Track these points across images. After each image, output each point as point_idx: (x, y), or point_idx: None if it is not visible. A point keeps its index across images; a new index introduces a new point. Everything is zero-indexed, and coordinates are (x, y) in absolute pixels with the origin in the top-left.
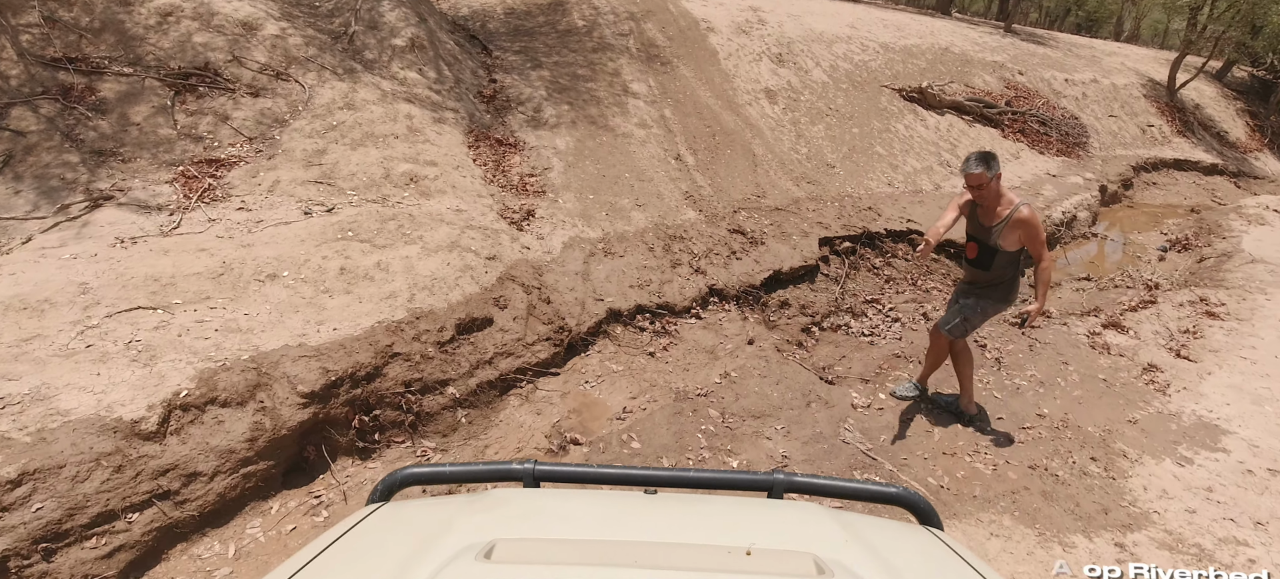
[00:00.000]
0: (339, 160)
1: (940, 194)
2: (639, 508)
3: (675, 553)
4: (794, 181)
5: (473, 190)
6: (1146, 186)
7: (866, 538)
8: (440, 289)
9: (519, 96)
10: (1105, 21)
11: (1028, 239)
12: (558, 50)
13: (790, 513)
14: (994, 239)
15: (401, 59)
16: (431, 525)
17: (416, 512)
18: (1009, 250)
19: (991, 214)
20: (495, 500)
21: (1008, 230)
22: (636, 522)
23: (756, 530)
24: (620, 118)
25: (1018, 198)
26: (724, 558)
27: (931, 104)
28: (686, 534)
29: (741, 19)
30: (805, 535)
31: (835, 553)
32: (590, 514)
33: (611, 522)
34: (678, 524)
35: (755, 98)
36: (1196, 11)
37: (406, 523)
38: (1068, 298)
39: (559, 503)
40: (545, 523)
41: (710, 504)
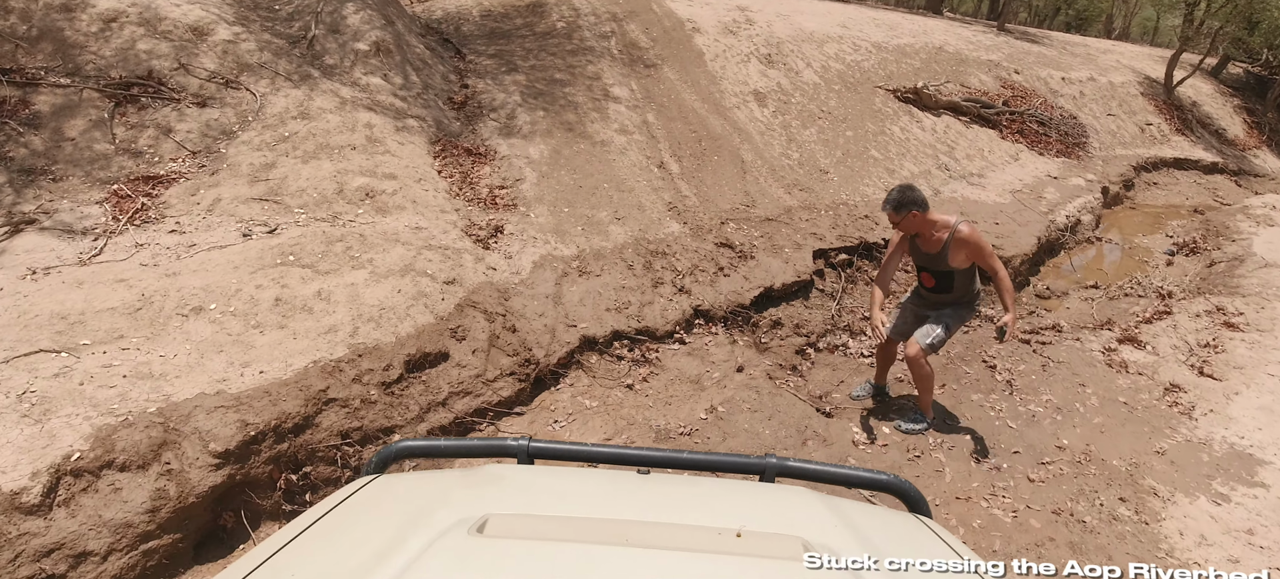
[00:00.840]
0: (288, 175)
1: (940, 200)
2: (631, 487)
3: (666, 533)
4: (785, 189)
5: (435, 205)
6: (1147, 187)
7: (856, 523)
8: (388, 321)
9: (492, 103)
10: (1095, 19)
11: (974, 255)
12: (535, 54)
13: (781, 496)
14: (945, 264)
15: (364, 64)
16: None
17: (410, 485)
18: (964, 268)
19: (931, 242)
20: (489, 476)
21: (953, 252)
22: (629, 501)
23: (747, 513)
24: (600, 124)
25: (953, 217)
26: (714, 539)
27: (927, 105)
28: (678, 514)
29: (728, 19)
30: (795, 519)
31: (824, 536)
32: (583, 492)
33: (604, 500)
34: (669, 504)
35: (744, 101)
36: (1193, 7)
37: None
38: (1077, 308)
39: (552, 480)
40: (538, 499)
41: (702, 486)
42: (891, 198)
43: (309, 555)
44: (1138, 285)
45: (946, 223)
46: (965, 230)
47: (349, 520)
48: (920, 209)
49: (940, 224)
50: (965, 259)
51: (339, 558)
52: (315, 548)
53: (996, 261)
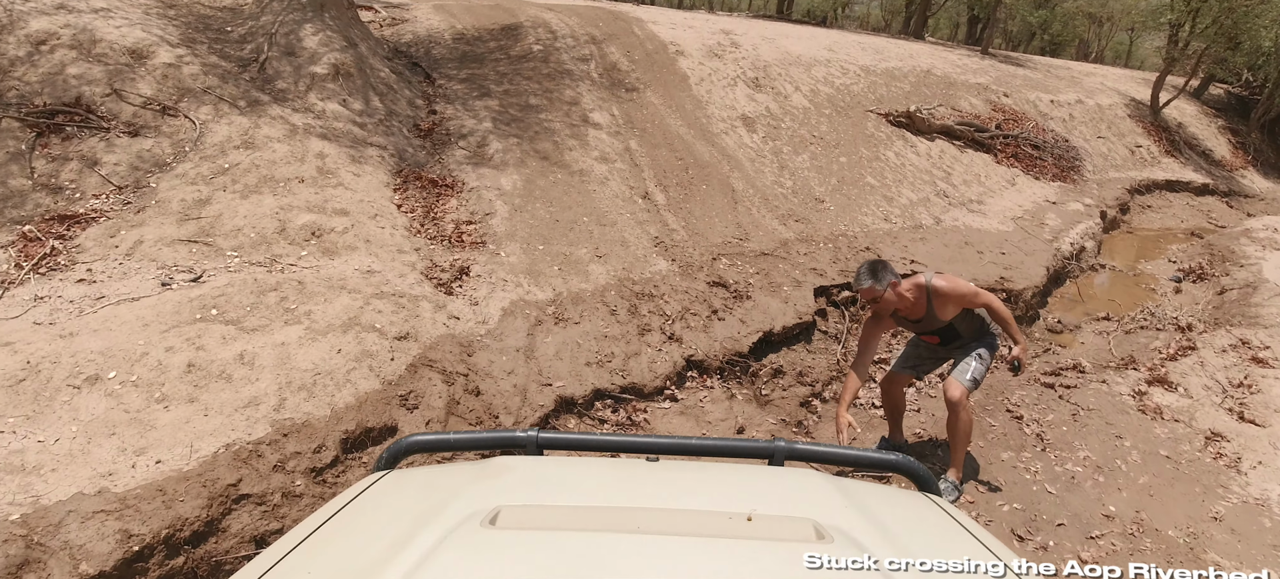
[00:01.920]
0: (223, 212)
1: (942, 229)
2: (641, 475)
3: (677, 519)
4: (780, 220)
5: (391, 245)
6: (1142, 210)
7: (866, 504)
8: (324, 389)
9: (461, 129)
10: (1069, 44)
11: (962, 302)
12: (510, 77)
13: (791, 479)
14: (938, 322)
15: (321, 89)
16: (436, 493)
17: (421, 479)
18: (959, 314)
19: (914, 308)
20: (500, 468)
21: (940, 308)
22: (639, 489)
23: (757, 497)
24: (578, 152)
25: (922, 276)
26: (725, 523)
27: (921, 129)
28: (688, 501)
29: (713, 42)
30: (805, 501)
31: (835, 518)
32: (593, 481)
33: (614, 489)
34: (680, 491)
35: (732, 126)
36: (1177, 28)
37: (411, 490)
38: (1093, 343)
39: (562, 470)
40: (549, 490)
41: (712, 471)
42: (869, 267)
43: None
44: (1151, 316)
45: (919, 285)
46: (940, 283)
47: (361, 516)
48: (898, 278)
49: (915, 290)
50: (955, 308)
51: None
52: (329, 544)
53: (987, 297)
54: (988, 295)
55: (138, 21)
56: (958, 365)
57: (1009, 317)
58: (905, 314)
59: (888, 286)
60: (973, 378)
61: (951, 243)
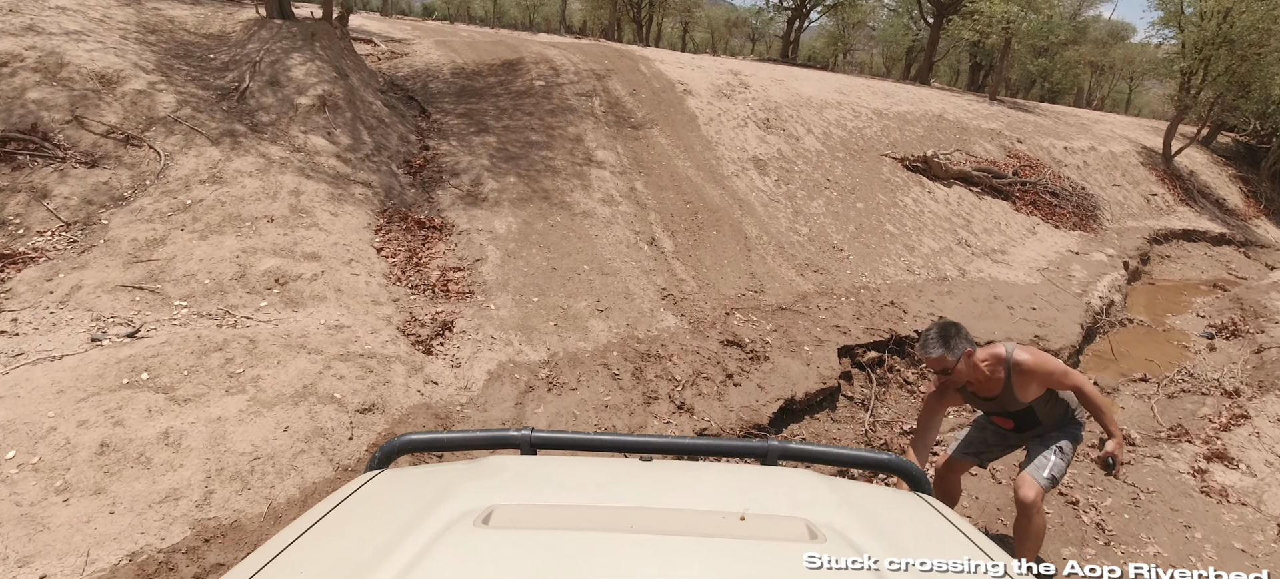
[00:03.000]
0: (177, 254)
1: (968, 281)
2: (635, 475)
3: (670, 518)
4: (797, 270)
5: (366, 294)
6: (1161, 260)
7: (859, 503)
8: (262, 478)
9: (455, 166)
10: (1068, 91)
11: (1047, 382)
12: (510, 113)
13: (784, 479)
14: (1016, 403)
15: (306, 121)
16: (430, 492)
17: (415, 478)
18: (1042, 396)
19: (989, 384)
20: (493, 467)
21: (1020, 386)
22: (632, 488)
23: (750, 496)
24: (581, 193)
25: (1001, 348)
26: (718, 523)
27: (938, 174)
28: (681, 500)
29: (722, 82)
30: (798, 501)
31: (828, 517)
32: (587, 481)
33: (608, 488)
34: (673, 490)
35: (743, 168)
36: (1189, 76)
37: (405, 489)
38: (1135, 409)
39: (556, 470)
40: (542, 489)
41: (705, 471)
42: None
43: (315, 552)
44: (1190, 377)
45: (998, 356)
46: (1024, 358)
47: (354, 516)
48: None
49: (992, 361)
50: (1038, 388)
51: (346, 553)
52: (321, 544)
53: (1077, 378)
54: (1078, 377)
55: (112, 46)
56: (1033, 458)
57: (1104, 403)
58: (976, 390)
59: (961, 357)
60: (1051, 476)
61: (980, 297)
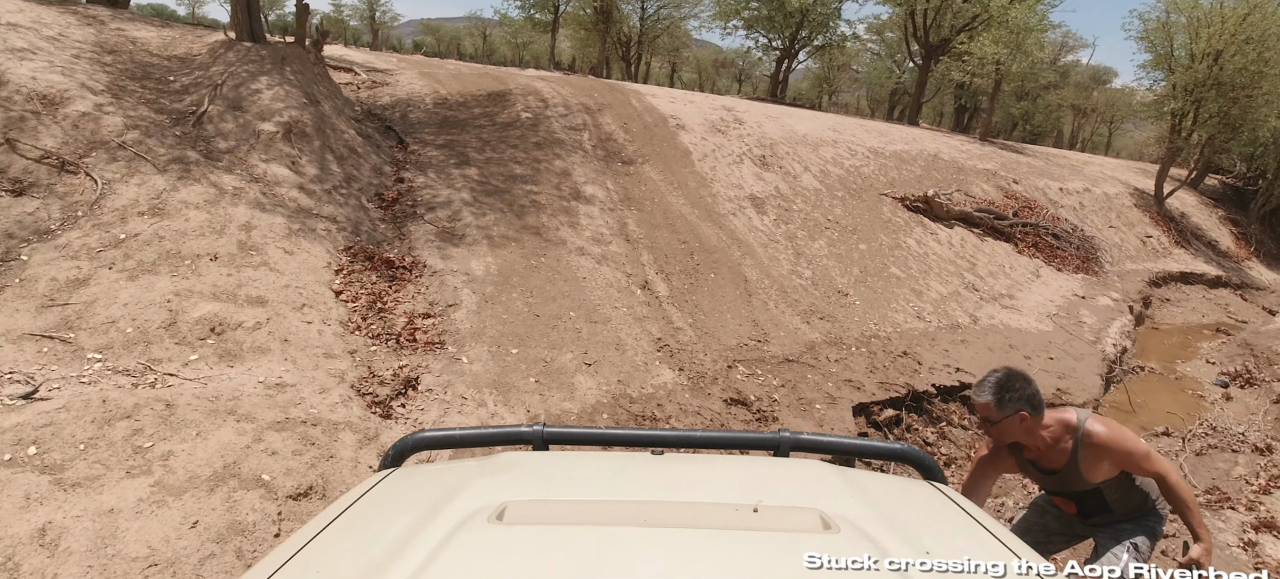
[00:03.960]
0: (100, 297)
1: (981, 329)
2: (647, 468)
3: (683, 511)
4: (802, 317)
5: (318, 345)
6: (1162, 303)
7: (871, 493)
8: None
9: (432, 200)
10: (1049, 134)
11: (1123, 462)
12: (493, 145)
13: (796, 470)
14: (1082, 482)
15: (268, 149)
16: (443, 489)
17: (428, 476)
18: (1114, 478)
19: (1048, 453)
20: (505, 463)
21: (1089, 463)
22: (645, 481)
23: (763, 488)
24: (568, 230)
25: (1073, 414)
26: (731, 515)
27: (939, 215)
28: (694, 493)
29: (715, 117)
30: (811, 492)
31: (841, 508)
32: (599, 475)
33: (620, 482)
34: (685, 483)
35: (740, 206)
36: (1181, 118)
37: (418, 487)
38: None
39: (568, 465)
40: (555, 484)
41: (717, 463)
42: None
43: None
44: (1213, 430)
45: (1066, 423)
46: (1098, 430)
47: (369, 513)
48: (1032, 411)
49: (1058, 428)
50: (1110, 468)
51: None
52: (337, 542)
53: (1162, 463)
54: (1163, 462)
55: (60, 66)
56: (1102, 554)
57: (1190, 498)
58: (1036, 458)
59: (1013, 413)
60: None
61: (996, 346)
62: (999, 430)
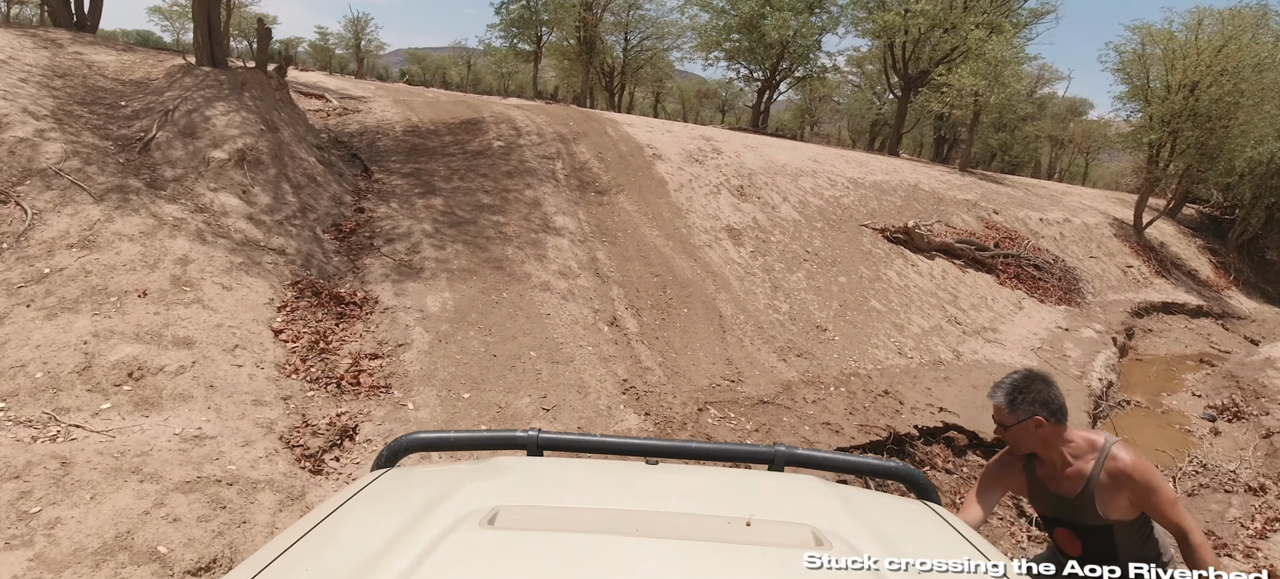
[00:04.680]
0: (12, 337)
1: (964, 365)
2: (641, 478)
3: (676, 522)
4: (778, 354)
5: (247, 391)
6: (1144, 334)
7: (864, 511)
8: None
9: (392, 231)
10: (1026, 164)
11: (1144, 500)
12: (461, 174)
13: (790, 485)
14: (1092, 515)
15: (218, 177)
16: (435, 491)
17: (420, 478)
18: (1130, 521)
19: (1062, 474)
20: (499, 468)
21: (1105, 493)
22: (638, 491)
23: (756, 502)
24: (534, 263)
25: (1100, 436)
26: (724, 528)
27: (920, 246)
28: (687, 504)
29: (693, 147)
30: (804, 507)
31: (834, 524)
32: (593, 483)
33: (613, 491)
34: (679, 494)
35: (716, 238)
36: (1159, 148)
37: (410, 489)
38: None
39: (562, 472)
40: (548, 491)
41: (711, 475)
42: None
43: (321, 549)
44: (1203, 468)
45: (1091, 442)
46: (1125, 458)
47: (361, 514)
48: (1050, 417)
49: (1081, 444)
50: (1129, 506)
51: (351, 552)
52: (328, 541)
53: (1186, 517)
54: (1187, 517)
55: (3, 91)
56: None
57: (1207, 552)
58: (1047, 479)
59: (1027, 418)
60: None
61: (980, 383)
62: (1012, 437)
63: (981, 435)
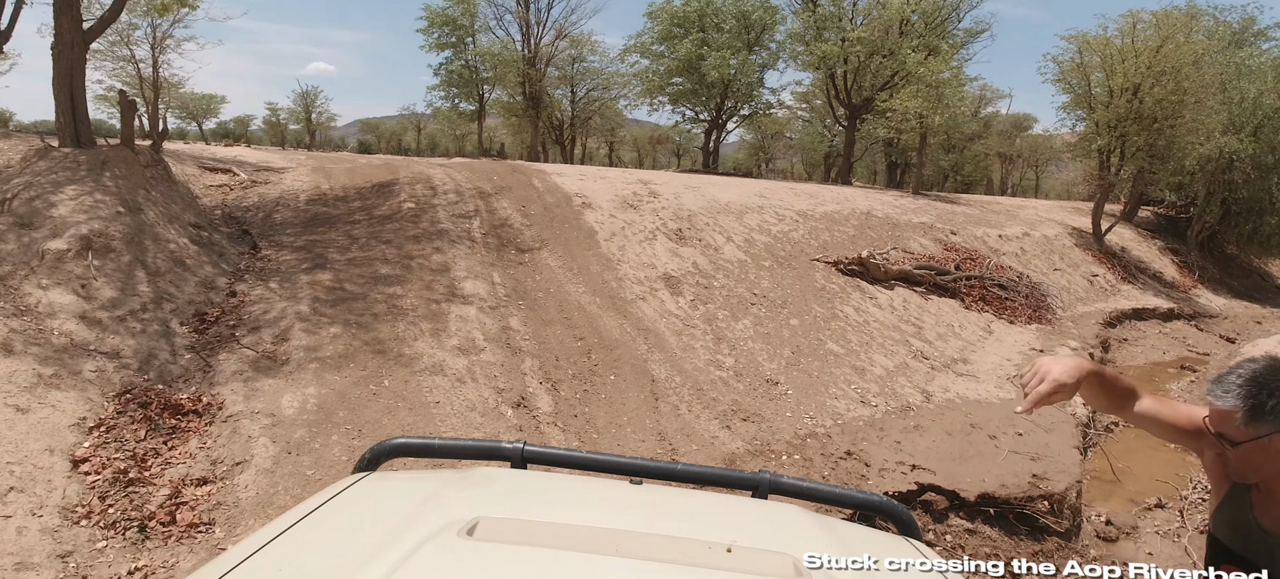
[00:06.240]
0: None
1: (936, 407)
2: (624, 497)
3: (656, 544)
4: (721, 420)
5: (12, 551)
6: (1119, 344)
7: (847, 543)
8: None
9: (261, 317)
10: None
11: None
12: (361, 243)
13: (773, 513)
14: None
15: (55, 270)
16: (415, 499)
17: (402, 484)
18: None
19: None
20: (482, 478)
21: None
22: (621, 510)
23: (739, 528)
24: (428, 341)
25: None
26: (705, 553)
27: (877, 277)
28: (669, 526)
29: (628, 193)
30: (787, 536)
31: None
32: (575, 499)
33: (596, 508)
34: (661, 516)
35: (651, 289)
36: (1109, 154)
37: (391, 495)
38: (1165, 553)
39: (545, 486)
40: (530, 504)
41: (695, 499)
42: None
43: (295, 552)
44: (1208, 493)
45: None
46: None
47: (338, 518)
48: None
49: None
50: None
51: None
52: (302, 545)
53: None
54: None
55: None
56: None
57: None
58: (1260, 507)
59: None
60: None
61: (955, 428)
62: (1244, 458)
63: (963, 494)
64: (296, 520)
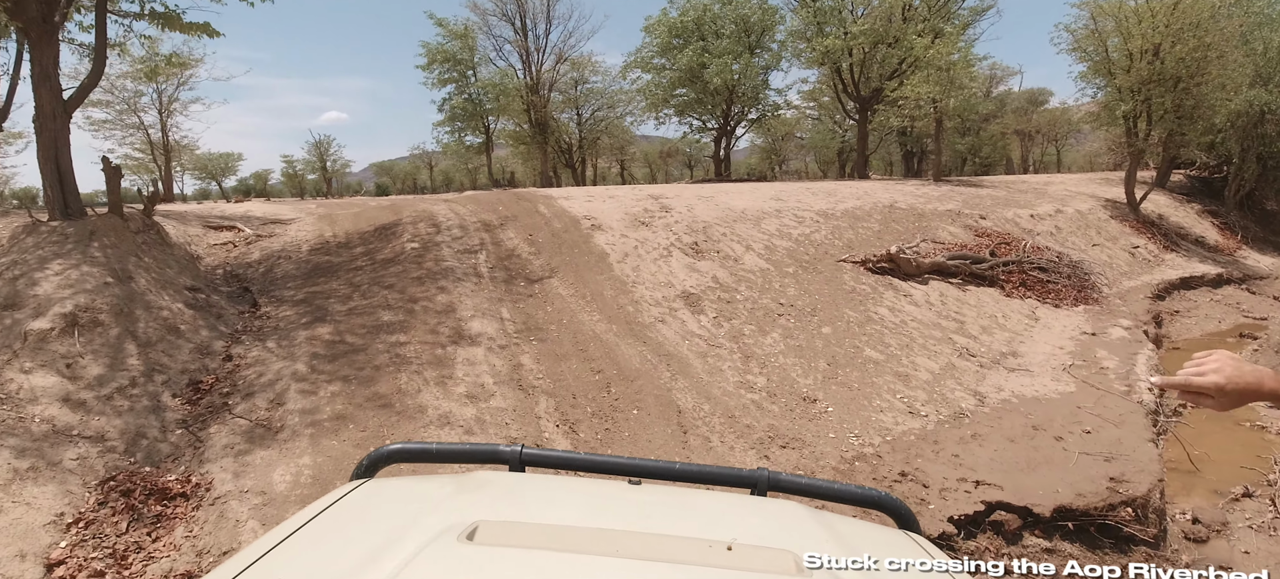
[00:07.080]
0: None
1: (991, 411)
2: (623, 498)
3: (657, 544)
4: (758, 449)
5: None
6: (1171, 316)
7: (847, 539)
8: None
9: (256, 381)
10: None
11: None
12: (363, 290)
13: (773, 510)
14: None
15: (38, 352)
16: (414, 504)
17: (400, 489)
18: None
19: None
20: (480, 482)
21: None
22: (620, 511)
23: (739, 526)
24: (434, 391)
25: None
26: (705, 551)
27: (909, 272)
28: (669, 526)
29: (638, 210)
30: (787, 534)
31: (816, 552)
32: (574, 501)
33: (595, 510)
34: (661, 516)
35: (670, 309)
36: (1135, 120)
37: (389, 500)
38: (1263, 550)
39: (544, 488)
40: (529, 507)
41: (694, 498)
42: None
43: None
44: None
45: None
46: None
47: (337, 524)
48: None
49: None
50: None
51: (326, 562)
52: (302, 551)
53: None
54: None
55: None
56: None
57: None
58: None
59: None
60: None
61: (1016, 432)
62: None
63: (1036, 510)
64: (294, 529)
